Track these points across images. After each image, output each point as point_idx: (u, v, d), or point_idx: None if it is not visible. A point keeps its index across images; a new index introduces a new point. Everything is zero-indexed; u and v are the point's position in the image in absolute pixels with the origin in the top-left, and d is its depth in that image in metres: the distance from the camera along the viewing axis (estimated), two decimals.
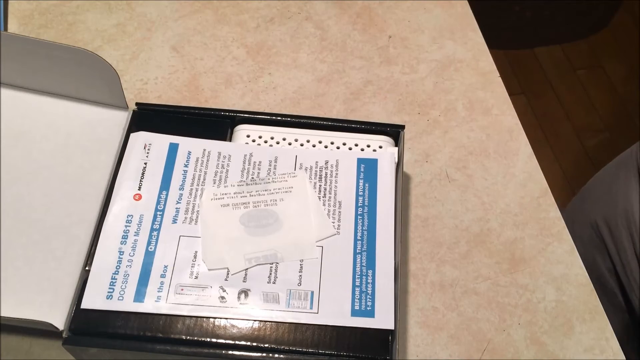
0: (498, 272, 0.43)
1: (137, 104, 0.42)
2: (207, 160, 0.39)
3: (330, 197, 0.38)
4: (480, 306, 0.42)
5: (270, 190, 0.38)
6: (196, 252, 0.36)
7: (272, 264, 0.35)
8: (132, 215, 0.37)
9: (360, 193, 0.38)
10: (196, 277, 0.35)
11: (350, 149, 0.41)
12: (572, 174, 1.27)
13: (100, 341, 0.33)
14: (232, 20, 0.55)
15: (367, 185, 0.39)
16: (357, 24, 0.55)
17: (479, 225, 0.45)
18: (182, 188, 0.38)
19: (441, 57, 0.54)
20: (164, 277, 0.35)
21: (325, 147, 0.41)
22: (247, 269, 0.35)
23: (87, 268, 0.35)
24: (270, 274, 0.35)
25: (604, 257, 0.59)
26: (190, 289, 0.34)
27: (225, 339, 0.33)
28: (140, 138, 0.40)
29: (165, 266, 0.35)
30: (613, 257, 0.58)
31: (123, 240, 0.36)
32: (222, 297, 0.34)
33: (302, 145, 0.41)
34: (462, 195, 0.46)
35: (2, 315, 0.34)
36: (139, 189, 0.38)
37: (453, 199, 0.46)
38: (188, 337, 0.33)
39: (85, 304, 0.34)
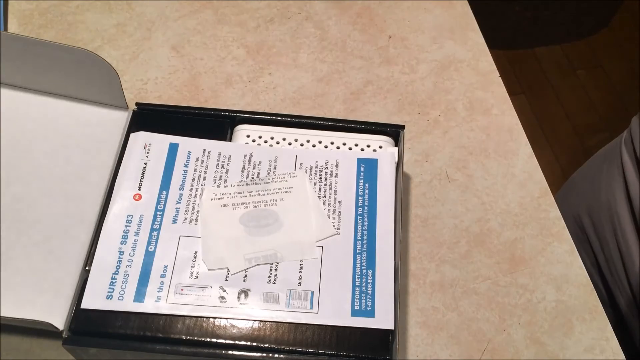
0: (498, 272, 0.43)
1: (137, 104, 0.42)
2: (207, 160, 0.39)
3: (330, 197, 0.38)
4: (480, 306, 0.42)
5: (270, 190, 0.38)
6: (196, 252, 0.36)
7: (272, 264, 0.35)
8: (132, 215, 0.37)
9: (360, 193, 0.38)
10: (196, 277, 0.35)
11: (350, 149, 0.41)
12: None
13: (100, 341, 0.33)
14: (232, 20, 0.55)
15: (367, 185, 0.39)
16: (357, 24, 0.55)
17: (479, 225, 0.45)
18: (182, 188, 0.38)
19: (441, 57, 0.54)
20: (164, 277, 0.35)
21: (325, 147, 0.41)
22: (247, 269, 0.35)
23: (87, 268, 0.35)
24: (270, 274, 0.35)
25: (588, 252, 0.59)
26: (190, 289, 0.34)
27: (225, 339, 0.33)
28: (140, 138, 0.40)
29: (165, 266, 0.35)
30: (596, 252, 0.58)
31: (123, 240, 0.36)
32: (222, 297, 0.34)
33: (302, 145, 0.41)
34: (462, 195, 0.46)
35: (2, 315, 0.34)
36: (139, 189, 0.38)
37: (453, 199, 0.46)
38: (188, 337, 0.33)
39: (85, 304, 0.34)
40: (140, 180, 0.38)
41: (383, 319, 0.34)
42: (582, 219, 0.60)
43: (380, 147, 0.41)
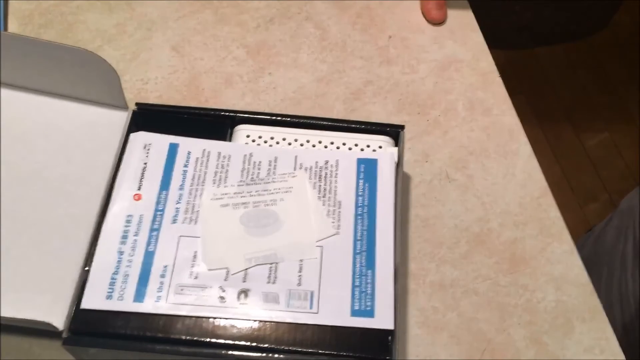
0: (498, 272, 0.43)
1: (137, 104, 0.42)
2: (207, 160, 0.39)
3: (330, 197, 0.38)
4: (480, 306, 0.42)
5: (270, 190, 0.38)
6: (196, 252, 0.36)
7: (272, 264, 0.35)
8: (132, 215, 0.37)
9: (360, 193, 0.38)
10: (196, 277, 0.35)
11: (350, 149, 0.41)
12: (572, 174, 1.27)
13: (100, 341, 0.33)
14: (232, 20, 0.55)
15: (367, 185, 0.39)
16: (357, 24, 0.55)
17: (479, 225, 0.45)
18: (182, 188, 0.38)
19: (441, 57, 0.54)
20: (164, 277, 0.35)
21: (325, 147, 0.41)
22: (247, 269, 0.35)
23: (87, 268, 0.35)
24: (270, 274, 0.35)
25: None
26: (190, 289, 0.34)
27: (225, 339, 0.33)
28: (140, 138, 0.40)
29: (165, 266, 0.35)
30: None
31: (123, 240, 0.36)
32: (222, 297, 0.34)
33: (302, 145, 0.41)
34: (462, 195, 0.46)
35: (2, 315, 0.34)
36: (139, 189, 0.38)
37: (453, 199, 0.46)
38: (188, 337, 0.33)
39: (85, 304, 0.34)
40: (140, 180, 0.38)
41: (383, 319, 0.34)
42: None
43: (380, 147, 0.41)
